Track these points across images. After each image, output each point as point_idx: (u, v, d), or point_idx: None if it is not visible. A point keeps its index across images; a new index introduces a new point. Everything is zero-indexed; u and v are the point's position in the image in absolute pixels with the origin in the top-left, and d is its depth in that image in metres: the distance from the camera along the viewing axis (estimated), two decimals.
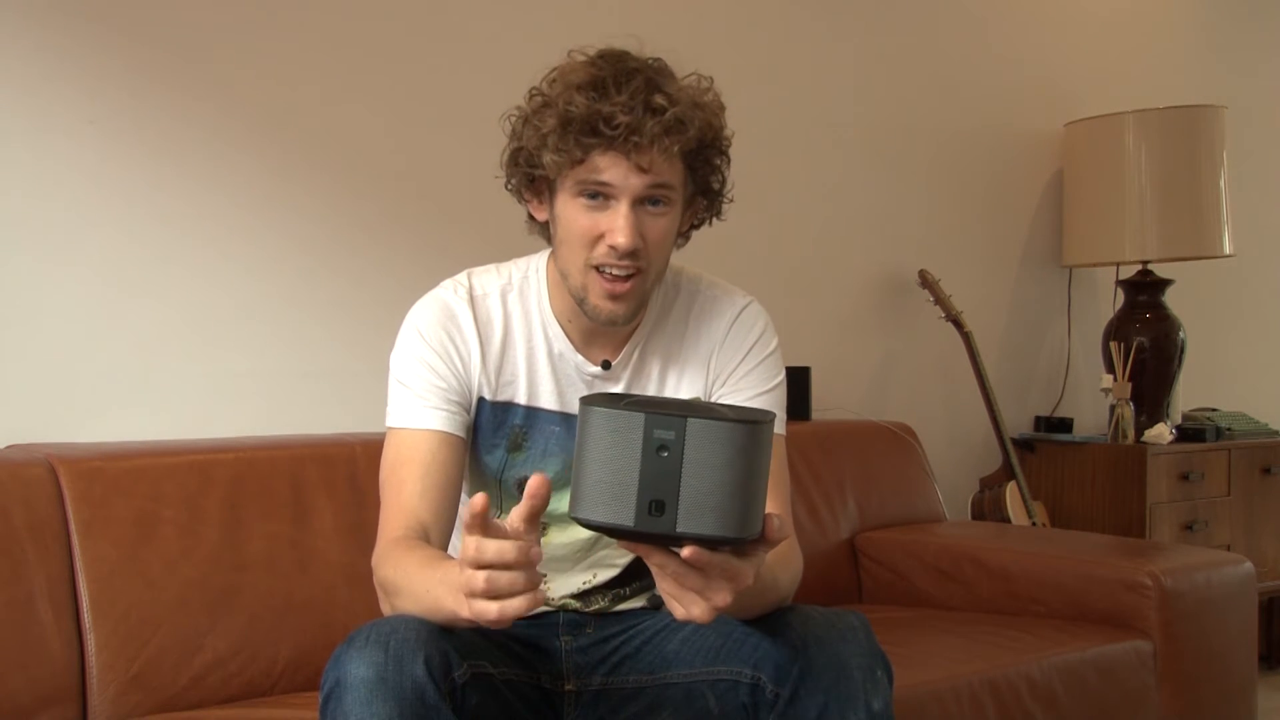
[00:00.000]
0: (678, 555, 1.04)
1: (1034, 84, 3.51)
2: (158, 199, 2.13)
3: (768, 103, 2.93)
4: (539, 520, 1.08)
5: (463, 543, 1.06)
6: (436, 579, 1.15)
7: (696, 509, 0.98)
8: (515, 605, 1.04)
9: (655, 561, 1.06)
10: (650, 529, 0.99)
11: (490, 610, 1.04)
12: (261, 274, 2.24)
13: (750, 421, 1.00)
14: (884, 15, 3.18)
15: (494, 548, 1.04)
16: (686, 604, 1.07)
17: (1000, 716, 1.98)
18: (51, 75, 2.03)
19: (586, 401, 1.03)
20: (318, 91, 2.29)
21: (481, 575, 1.04)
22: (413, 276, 1.77)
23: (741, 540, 1.01)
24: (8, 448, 1.94)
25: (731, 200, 1.47)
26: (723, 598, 1.06)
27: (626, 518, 0.99)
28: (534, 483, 1.05)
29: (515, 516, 1.06)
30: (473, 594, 1.05)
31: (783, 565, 1.31)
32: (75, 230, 2.05)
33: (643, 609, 1.53)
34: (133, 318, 2.10)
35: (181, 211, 2.15)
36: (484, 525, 1.05)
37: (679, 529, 0.99)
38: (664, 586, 1.08)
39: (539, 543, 1.07)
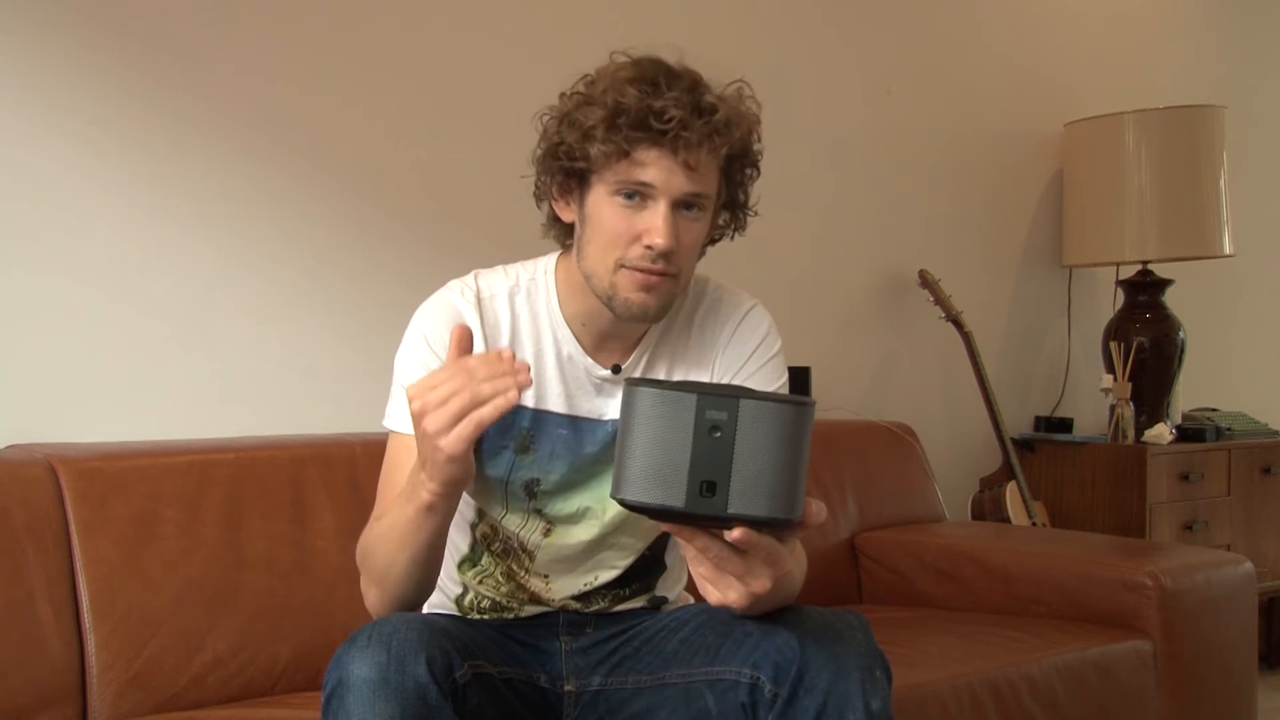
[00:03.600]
0: (721, 538, 1.04)
1: (1034, 84, 3.51)
2: (158, 199, 2.13)
3: (768, 103, 2.92)
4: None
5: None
6: (400, 500, 1.26)
7: (748, 490, 0.99)
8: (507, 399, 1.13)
9: (698, 545, 1.06)
10: (700, 510, 0.99)
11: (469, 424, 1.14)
12: (262, 274, 2.24)
13: (800, 403, 1.01)
14: (885, 17, 3.18)
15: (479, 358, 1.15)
16: (723, 589, 1.07)
17: (1000, 716, 1.98)
18: (51, 75, 2.03)
19: (634, 383, 1.03)
20: (319, 92, 2.29)
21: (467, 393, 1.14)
22: (413, 276, 1.77)
23: (788, 522, 1.02)
24: (8, 448, 1.94)
25: (756, 214, 1.47)
26: (761, 584, 1.06)
27: (677, 499, 0.99)
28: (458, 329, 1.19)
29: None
30: (474, 403, 1.14)
31: (796, 560, 1.31)
32: (75, 230, 2.05)
33: (642, 609, 1.53)
34: (133, 318, 2.10)
35: (182, 212, 2.15)
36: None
37: (730, 510, 0.99)
38: (701, 571, 1.08)
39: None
